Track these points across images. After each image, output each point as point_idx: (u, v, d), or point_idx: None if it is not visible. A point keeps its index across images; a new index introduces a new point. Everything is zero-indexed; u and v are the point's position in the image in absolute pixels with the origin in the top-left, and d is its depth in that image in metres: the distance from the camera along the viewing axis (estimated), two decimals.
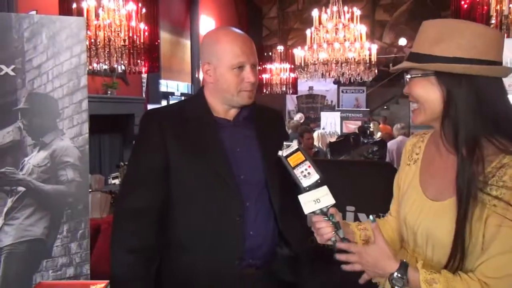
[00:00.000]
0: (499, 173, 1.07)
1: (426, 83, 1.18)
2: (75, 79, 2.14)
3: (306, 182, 1.26)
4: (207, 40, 1.60)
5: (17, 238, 2.09)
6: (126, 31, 5.15)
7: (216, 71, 1.55)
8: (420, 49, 1.19)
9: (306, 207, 1.26)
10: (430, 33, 1.19)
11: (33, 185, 2.10)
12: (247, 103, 1.59)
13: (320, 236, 1.28)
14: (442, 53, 1.14)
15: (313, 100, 12.70)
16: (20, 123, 2.09)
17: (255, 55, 1.58)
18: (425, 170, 1.28)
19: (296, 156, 1.29)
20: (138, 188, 1.53)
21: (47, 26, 2.12)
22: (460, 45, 1.13)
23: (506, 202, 1.05)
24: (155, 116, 1.62)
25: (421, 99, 1.20)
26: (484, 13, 4.44)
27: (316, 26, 7.30)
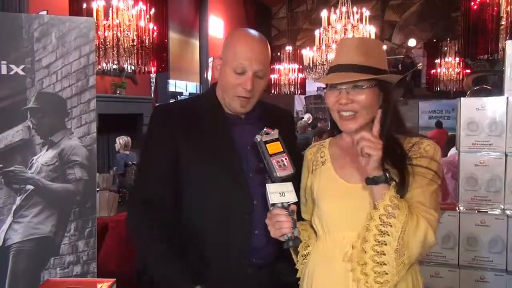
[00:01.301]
0: (414, 149, 1.36)
1: (371, 92, 1.35)
2: (84, 79, 2.17)
3: (281, 172, 1.28)
4: (227, 36, 1.63)
5: (26, 236, 2.12)
6: (135, 31, 5.19)
7: (221, 68, 1.56)
8: (364, 62, 1.35)
9: (273, 197, 1.28)
10: (361, 48, 1.37)
11: (42, 183, 2.13)
12: (238, 111, 1.56)
13: (277, 229, 1.32)
14: (377, 65, 1.36)
15: (322, 100, 12.67)
16: (29, 122, 2.12)
17: (262, 64, 1.53)
18: (338, 164, 1.45)
19: (275, 145, 1.31)
20: (150, 179, 1.54)
21: (56, 26, 2.14)
22: (383, 58, 1.40)
23: (423, 166, 1.33)
24: (165, 111, 1.63)
25: (366, 107, 1.35)
26: (494, 14, 4.41)
27: (325, 26, 7.28)
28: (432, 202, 1.32)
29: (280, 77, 9.83)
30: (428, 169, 1.33)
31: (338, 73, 1.36)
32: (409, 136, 1.41)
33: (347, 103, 1.35)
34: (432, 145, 1.39)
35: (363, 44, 1.40)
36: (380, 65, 1.37)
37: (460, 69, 9.45)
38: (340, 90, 1.36)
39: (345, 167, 1.43)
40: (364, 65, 1.35)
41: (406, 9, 11.47)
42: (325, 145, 1.54)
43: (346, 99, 1.35)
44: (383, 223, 1.25)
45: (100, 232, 2.84)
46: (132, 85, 6.92)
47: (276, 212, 1.31)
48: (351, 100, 1.35)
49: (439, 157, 1.38)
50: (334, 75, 1.38)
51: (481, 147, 2.57)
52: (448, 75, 9.50)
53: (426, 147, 1.37)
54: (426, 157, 1.35)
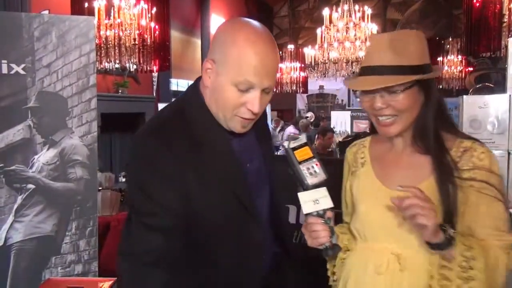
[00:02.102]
0: (465, 157, 1.21)
1: (409, 93, 1.22)
2: (84, 78, 2.17)
3: (312, 180, 1.17)
4: (222, 34, 1.23)
5: (27, 235, 2.12)
6: (137, 30, 5.18)
7: (217, 78, 1.20)
8: (396, 62, 1.21)
9: (306, 207, 1.19)
10: (396, 46, 1.22)
11: (43, 182, 2.13)
12: (237, 131, 1.26)
13: (314, 239, 1.21)
14: (413, 62, 1.21)
15: (324, 99, 12.66)
16: (30, 121, 2.12)
17: (274, 76, 1.22)
18: (378, 167, 1.34)
19: (303, 150, 1.19)
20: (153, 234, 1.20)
21: (56, 25, 2.14)
22: (420, 52, 1.24)
23: (481, 181, 1.18)
24: (163, 139, 1.22)
25: (404, 110, 1.23)
26: (496, 11, 4.38)
27: (327, 25, 7.27)
28: (502, 224, 1.19)
29: (282, 76, 9.81)
30: (488, 184, 1.18)
31: (368, 77, 1.24)
32: (459, 137, 1.26)
33: (383, 107, 1.23)
34: (486, 152, 1.22)
35: (395, 40, 1.23)
36: (417, 61, 1.21)
37: (463, 67, 9.41)
38: (374, 94, 1.23)
39: (386, 170, 1.32)
40: (396, 66, 1.20)
41: (408, 7, 11.43)
42: (365, 145, 1.42)
43: (381, 104, 1.22)
44: (463, 278, 1.14)
45: (102, 231, 2.84)
46: (134, 84, 6.91)
47: (312, 221, 1.20)
48: (386, 104, 1.22)
49: (497, 168, 1.22)
50: (364, 80, 1.25)
51: None
52: (450, 73, 9.46)
53: (481, 155, 1.21)
54: (482, 169, 1.19)
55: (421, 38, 1.26)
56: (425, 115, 1.25)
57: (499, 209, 1.19)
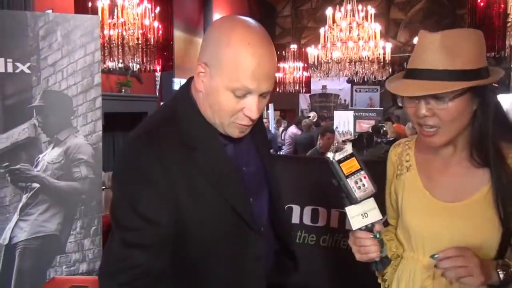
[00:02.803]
0: None
1: (459, 102, 1.10)
2: (89, 77, 2.17)
3: (359, 194, 1.10)
4: (215, 32, 1.12)
5: (32, 233, 2.13)
6: (140, 30, 5.18)
7: (210, 82, 1.11)
8: (445, 65, 1.08)
9: (355, 222, 1.12)
10: (446, 47, 1.09)
11: (48, 181, 2.13)
12: (235, 137, 1.19)
13: (364, 254, 1.16)
14: (467, 66, 1.09)
15: (327, 99, 12.63)
16: (35, 120, 2.12)
17: (272, 80, 1.13)
18: (425, 174, 1.24)
19: (350, 162, 1.10)
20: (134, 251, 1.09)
21: (61, 24, 2.14)
22: (475, 54, 1.11)
23: None
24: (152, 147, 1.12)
25: (450, 121, 1.11)
26: (501, 11, 4.37)
27: (330, 24, 7.25)
28: None
29: (284, 76, 9.80)
30: None
31: (414, 81, 1.11)
32: None
33: (427, 115, 1.12)
34: None
35: (447, 39, 1.09)
36: (472, 64, 1.09)
37: None
38: (419, 100, 1.12)
39: (434, 179, 1.23)
40: (448, 70, 1.08)
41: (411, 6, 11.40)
42: (411, 146, 1.31)
43: (425, 111, 1.12)
44: None
45: (105, 231, 2.84)
46: (137, 84, 6.92)
47: (361, 236, 1.14)
48: (432, 113, 1.11)
49: None
50: (410, 84, 1.13)
51: None
52: None
53: None
54: None
55: (477, 38, 1.12)
56: (483, 125, 1.13)
57: None
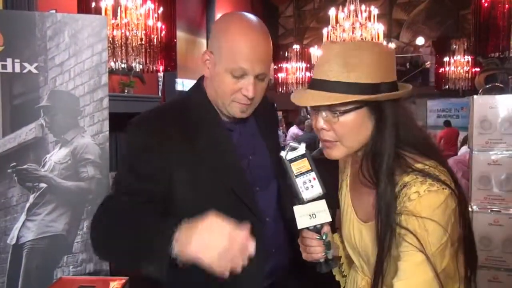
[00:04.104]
0: (401, 195, 1.02)
1: (358, 115, 1.06)
2: (96, 77, 2.17)
3: (307, 194, 1.12)
4: (218, 25, 1.31)
5: (39, 233, 2.13)
6: (144, 30, 5.19)
7: (214, 67, 1.27)
8: (340, 77, 1.03)
9: (301, 221, 1.13)
10: (342, 58, 1.05)
11: (55, 181, 2.13)
12: (238, 116, 1.30)
13: (308, 254, 1.18)
14: (367, 80, 1.03)
15: None
16: (42, 120, 2.12)
17: (266, 64, 1.26)
18: (353, 190, 1.23)
19: (301, 162, 1.13)
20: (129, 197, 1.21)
21: (69, 24, 2.14)
22: (376, 68, 1.05)
23: (408, 229, 1.00)
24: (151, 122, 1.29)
25: (352, 134, 1.08)
26: (505, 11, 4.37)
27: (333, 25, 7.26)
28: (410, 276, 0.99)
29: (287, 76, 9.81)
30: (409, 231, 1.00)
31: (311, 91, 1.08)
32: (408, 172, 1.04)
33: (324, 128, 1.09)
34: (423, 192, 1.00)
35: (346, 51, 1.06)
36: (367, 78, 1.03)
37: (469, 67, 9.38)
38: (318, 112, 1.09)
39: (357, 194, 1.20)
40: (340, 82, 1.03)
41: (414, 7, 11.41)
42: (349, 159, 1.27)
43: (323, 124, 1.09)
44: None
45: None
46: (140, 84, 6.92)
47: (307, 236, 1.16)
48: (329, 126, 1.09)
49: (430, 212, 0.99)
50: (307, 94, 1.09)
51: (494, 146, 2.55)
52: (457, 73, 9.43)
53: (412, 196, 1.00)
54: (409, 214, 1.00)
55: (380, 51, 1.07)
56: (378, 142, 1.07)
57: (416, 261, 0.99)
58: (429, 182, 1.01)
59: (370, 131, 1.08)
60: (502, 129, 2.59)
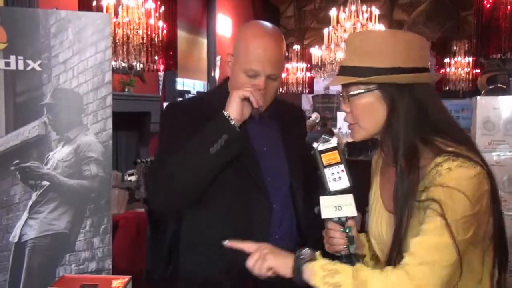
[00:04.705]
0: (432, 173, 1.06)
1: (370, 98, 1.13)
2: (100, 75, 2.16)
3: (334, 186, 1.17)
4: (238, 31, 1.54)
5: (41, 231, 2.12)
6: (145, 29, 5.18)
7: (233, 67, 1.49)
8: (355, 62, 1.13)
9: (325, 212, 1.18)
10: (360, 45, 1.14)
11: (58, 179, 2.12)
12: (252, 112, 1.47)
13: (331, 245, 1.22)
14: (380, 64, 1.11)
15: (329, 100, 12.64)
16: (45, 118, 2.11)
17: (277, 66, 1.43)
18: (382, 183, 1.27)
19: (331, 154, 1.18)
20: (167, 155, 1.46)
21: (73, 22, 2.14)
22: (397, 54, 1.11)
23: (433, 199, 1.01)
24: (180, 108, 1.58)
25: (366, 117, 1.15)
26: (507, 13, 4.37)
27: (334, 25, 7.25)
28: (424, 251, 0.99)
29: (287, 76, 9.80)
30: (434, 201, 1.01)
31: (335, 76, 1.20)
32: (439, 154, 1.07)
33: (346, 111, 1.19)
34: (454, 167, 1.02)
35: (360, 39, 1.16)
36: (377, 62, 1.10)
37: (470, 68, 9.37)
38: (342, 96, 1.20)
39: (386, 187, 1.22)
40: (350, 66, 1.14)
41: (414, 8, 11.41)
42: None
43: (345, 107, 1.19)
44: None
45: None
46: (140, 83, 6.91)
47: (330, 227, 1.21)
48: (349, 109, 1.18)
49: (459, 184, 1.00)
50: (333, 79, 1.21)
51: (496, 147, 2.56)
52: (457, 74, 9.42)
53: (444, 171, 1.03)
54: (438, 185, 1.03)
55: (396, 38, 1.13)
56: (392, 127, 1.13)
57: (436, 224, 1.00)
58: (461, 160, 1.04)
59: (384, 115, 1.14)
60: (504, 130, 2.60)
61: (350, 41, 1.20)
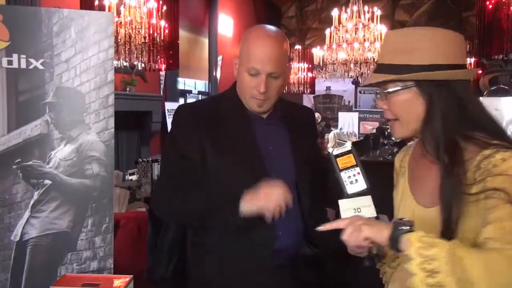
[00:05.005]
0: (483, 166, 1.07)
1: (408, 95, 1.15)
2: (102, 74, 2.16)
3: (351, 188, 1.18)
4: (244, 35, 1.59)
5: (43, 230, 2.12)
6: (147, 29, 5.17)
7: (239, 68, 1.55)
8: (392, 60, 1.15)
9: (345, 214, 1.18)
10: (398, 43, 1.16)
11: (60, 178, 2.12)
12: (256, 110, 1.56)
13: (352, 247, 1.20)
14: (418, 62, 1.12)
15: (330, 100, 12.65)
16: (47, 116, 2.11)
17: (277, 64, 1.48)
18: (412, 179, 1.27)
19: (346, 158, 1.20)
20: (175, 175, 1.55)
21: (75, 20, 2.13)
22: (435, 51, 1.13)
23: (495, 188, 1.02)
24: (189, 110, 1.63)
25: (404, 113, 1.17)
26: (509, 13, 4.36)
27: (336, 25, 7.25)
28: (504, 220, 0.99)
29: (289, 76, 9.80)
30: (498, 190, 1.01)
31: (372, 74, 1.21)
32: (485, 148, 1.08)
33: (384, 108, 1.20)
34: (510, 158, 1.04)
35: (398, 37, 1.18)
36: (423, 60, 1.11)
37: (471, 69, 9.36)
38: (379, 93, 1.21)
39: (419, 183, 1.23)
40: (385, 64, 1.16)
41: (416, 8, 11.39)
42: (410, 151, 1.33)
43: (382, 104, 1.20)
44: None
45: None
46: (141, 83, 6.91)
47: None
48: (386, 106, 1.19)
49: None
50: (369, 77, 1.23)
51: None
52: None
53: (498, 162, 1.05)
54: (496, 175, 1.03)
55: (435, 36, 1.14)
56: (432, 124, 1.14)
57: (507, 210, 1.00)
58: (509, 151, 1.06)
59: (422, 111, 1.15)
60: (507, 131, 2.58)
61: (387, 39, 1.22)
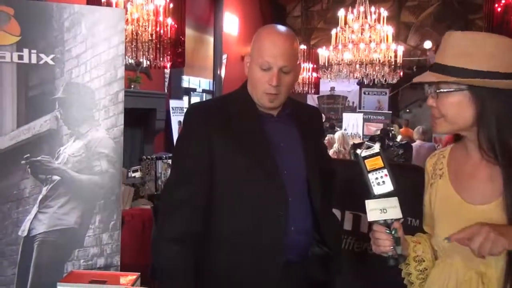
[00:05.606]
0: None
1: (459, 97, 1.18)
2: (112, 70, 2.14)
3: (378, 190, 1.22)
4: (255, 34, 1.63)
5: (51, 226, 2.11)
6: (153, 26, 5.17)
7: (250, 65, 1.58)
8: (450, 62, 1.18)
9: (371, 215, 1.23)
10: (459, 45, 1.19)
11: (68, 174, 2.11)
12: (267, 106, 1.59)
13: (377, 246, 1.26)
14: (475, 67, 1.15)
15: (335, 100, 12.63)
16: (57, 112, 2.10)
17: (288, 59, 1.53)
18: (456, 179, 1.30)
19: (374, 160, 1.24)
20: (183, 182, 1.56)
21: (86, 16, 2.12)
22: (494, 59, 1.15)
23: None
24: (200, 110, 1.67)
25: (452, 113, 1.20)
26: None
27: (342, 26, 7.24)
28: None
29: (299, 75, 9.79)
30: None
31: (427, 72, 1.25)
32: None
33: (432, 106, 1.25)
34: None
35: (459, 39, 1.20)
36: (482, 66, 1.15)
37: None
38: (429, 91, 1.26)
39: (464, 182, 1.28)
40: (446, 65, 1.19)
41: (422, 10, 11.36)
42: (445, 155, 1.38)
43: (431, 102, 1.25)
44: None
45: None
46: (146, 80, 6.91)
47: (376, 229, 1.26)
48: (435, 104, 1.24)
49: None
50: (423, 75, 1.26)
51: None
52: None
53: None
54: None
55: (497, 43, 1.16)
56: (485, 128, 1.19)
57: None
58: None
59: (471, 114, 1.19)
60: None
61: (447, 40, 1.23)
